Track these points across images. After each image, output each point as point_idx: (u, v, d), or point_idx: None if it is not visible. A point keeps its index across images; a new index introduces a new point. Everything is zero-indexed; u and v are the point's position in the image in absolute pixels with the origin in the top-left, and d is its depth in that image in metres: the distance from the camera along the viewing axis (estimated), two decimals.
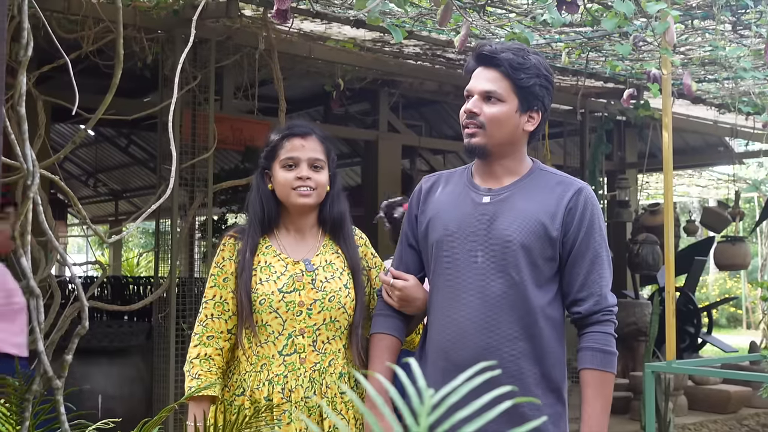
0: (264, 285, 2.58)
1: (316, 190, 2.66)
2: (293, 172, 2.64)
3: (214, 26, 5.50)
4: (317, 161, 2.68)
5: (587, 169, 8.43)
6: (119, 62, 1.50)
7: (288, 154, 2.66)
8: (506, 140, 2.48)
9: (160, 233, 6.07)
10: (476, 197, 2.51)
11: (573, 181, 2.52)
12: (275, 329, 2.55)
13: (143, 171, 14.85)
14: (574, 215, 2.43)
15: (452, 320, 2.47)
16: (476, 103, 2.46)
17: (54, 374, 1.22)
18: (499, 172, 2.53)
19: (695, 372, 4.84)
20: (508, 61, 2.44)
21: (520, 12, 4.91)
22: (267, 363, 2.55)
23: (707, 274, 22.22)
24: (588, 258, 2.43)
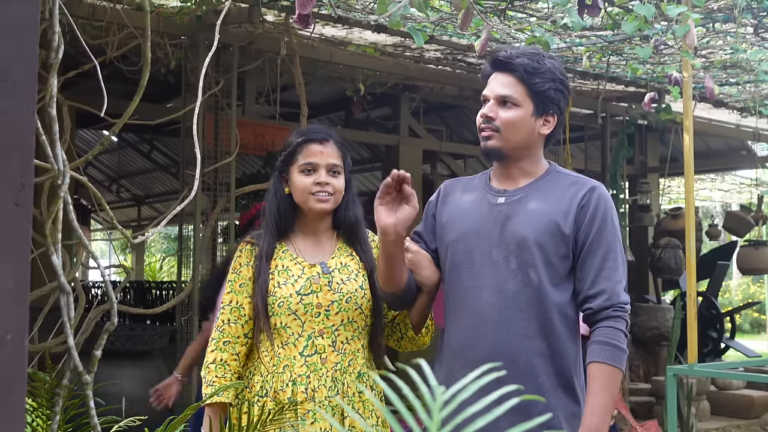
0: (282, 288, 2.62)
1: (334, 196, 2.70)
2: (312, 177, 2.68)
3: (236, 31, 5.54)
4: (335, 167, 2.72)
5: (608, 173, 8.41)
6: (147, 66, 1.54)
7: (306, 159, 2.70)
8: (522, 143, 2.52)
9: (183, 238, 6.12)
10: (492, 198, 2.56)
11: (587, 181, 2.55)
12: (295, 331, 2.59)
13: (165, 176, 14.94)
14: (587, 212, 2.46)
15: (467, 319, 2.50)
16: (492, 107, 2.51)
17: (84, 369, 1.25)
18: (516, 174, 2.57)
19: (717, 375, 4.82)
20: (523, 66, 2.48)
21: (540, 16, 4.92)
22: (289, 364, 2.59)
23: (730, 279, 22.06)
24: (599, 255, 2.44)
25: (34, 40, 1.07)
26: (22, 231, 1.04)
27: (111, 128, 7.39)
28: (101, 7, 4.92)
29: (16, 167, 1.03)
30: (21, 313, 1.04)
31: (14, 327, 1.03)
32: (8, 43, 1.03)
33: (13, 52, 1.04)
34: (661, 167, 10.05)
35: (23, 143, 1.05)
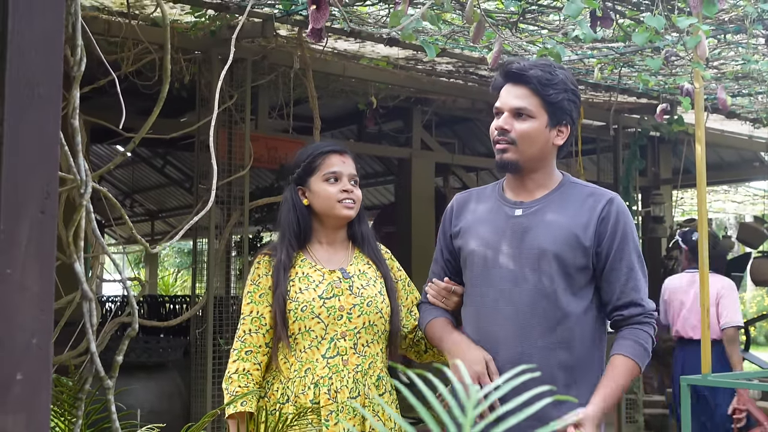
0: (304, 293, 2.67)
1: (356, 204, 2.78)
2: (337, 185, 2.75)
3: (250, 46, 5.59)
4: (355, 177, 2.81)
5: (621, 185, 8.41)
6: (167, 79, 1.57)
7: (330, 168, 2.77)
8: (537, 155, 2.53)
9: (197, 252, 6.17)
10: (509, 211, 2.56)
11: (604, 192, 2.57)
12: (318, 334, 2.64)
13: (179, 191, 15.01)
14: (608, 225, 2.47)
15: (487, 330, 2.52)
16: (507, 119, 2.51)
17: (105, 375, 1.28)
18: (530, 186, 2.57)
19: (730, 385, 4.81)
20: (536, 78, 2.49)
21: (552, 28, 4.95)
22: (311, 367, 2.63)
23: (744, 291, 21.95)
24: (624, 266, 2.47)
25: (59, 54, 1.10)
26: (47, 238, 1.07)
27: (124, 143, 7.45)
28: (116, 22, 4.97)
29: (42, 176, 1.06)
30: (46, 318, 1.06)
31: (40, 332, 1.06)
32: (35, 58, 1.06)
33: (40, 65, 1.07)
34: (674, 179, 10.03)
35: (49, 153, 1.08)
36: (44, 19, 1.07)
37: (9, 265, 1.03)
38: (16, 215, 1.04)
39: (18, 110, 1.06)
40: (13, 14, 1.05)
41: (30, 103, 1.07)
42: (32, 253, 1.05)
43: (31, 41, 1.07)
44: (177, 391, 5.95)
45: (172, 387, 5.94)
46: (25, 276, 1.05)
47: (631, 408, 8.22)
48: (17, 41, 1.06)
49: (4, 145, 1.04)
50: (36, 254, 1.06)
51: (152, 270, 20.00)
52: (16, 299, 1.04)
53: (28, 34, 1.06)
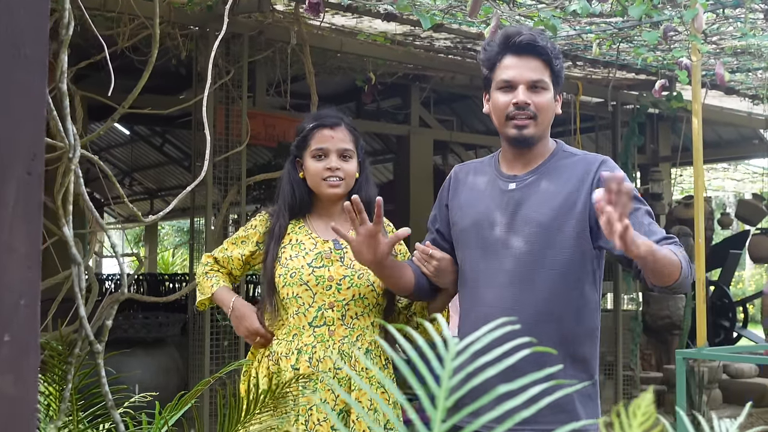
0: (294, 260, 2.69)
1: (345, 180, 2.74)
2: (323, 162, 2.73)
3: (246, 21, 5.56)
4: (346, 151, 2.76)
5: (619, 162, 8.40)
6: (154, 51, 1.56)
7: (318, 144, 2.75)
8: (548, 127, 2.53)
9: (195, 230, 6.17)
10: (503, 185, 2.54)
11: (595, 156, 2.55)
12: (305, 301, 2.65)
13: (178, 170, 15.01)
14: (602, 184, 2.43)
15: (483, 303, 2.51)
16: (526, 93, 2.44)
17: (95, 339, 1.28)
18: (529, 158, 2.54)
19: (725, 359, 4.83)
20: (548, 49, 2.46)
21: (549, 3, 4.93)
22: (298, 333, 2.65)
23: (744, 269, 21.98)
24: (639, 212, 2.37)
25: (45, 15, 1.09)
26: (34, 199, 1.07)
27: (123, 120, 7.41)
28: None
29: (27, 136, 1.06)
30: (34, 279, 1.06)
31: (27, 293, 1.06)
32: (20, 18, 1.06)
33: (27, 25, 1.07)
34: (673, 156, 10.03)
35: (35, 114, 1.07)
36: None
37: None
38: (2, 176, 1.04)
39: (4, 71, 1.05)
40: None
41: (16, 64, 1.06)
42: (19, 214, 1.05)
43: (16, 2, 1.06)
44: (175, 367, 5.97)
45: (170, 362, 5.97)
46: (13, 237, 1.05)
47: (629, 384, 8.25)
48: (3, 1, 1.05)
49: None
50: (23, 215, 1.05)
51: (152, 248, 20.03)
52: (4, 260, 1.04)
53: None
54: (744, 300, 10.95)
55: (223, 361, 5.46)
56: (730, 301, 10.13)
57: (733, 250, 10.39)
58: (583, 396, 2.47)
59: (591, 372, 2.51)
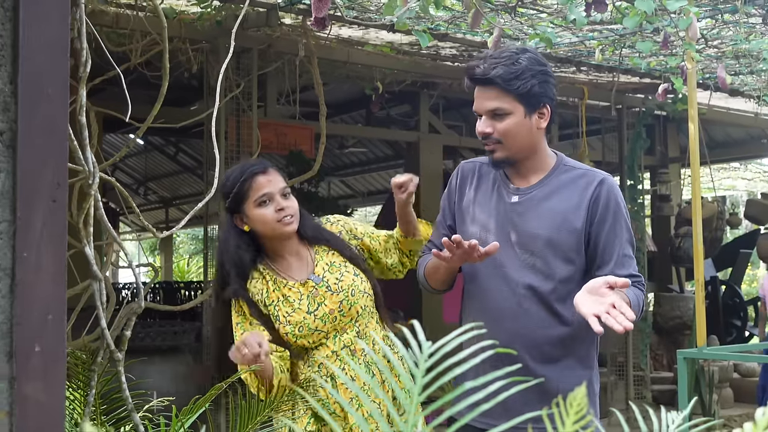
0: (293, 315, 2.74)
1: (295, 215, 2.80)
2: (271, 206, 2.77)
3: (255, 35, 5.70)
4: (285, 189, 2.82)
5: (626, 165, 8.48)
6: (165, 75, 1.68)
7: (260, 192, 2.77)
8: (525, 145, 2.61)
9: (209, 238, 6.30)
10: (506, 196, 2.66)
11: (595, 173, 2.66)
12: (322, 339, 2.76)
13: (192, 178, 15.14)
14: (599, 205, 2.57)
15: (486, 308, 2.63)
16: (486, 122, 2.59)
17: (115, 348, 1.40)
18: (526, 172, 2.66)
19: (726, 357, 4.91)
20: (500, 77, 2.53)
21: (550, 12, 5.03)
22: (323, 363, 2.73)
23: (757, 268, 21.92)
24: (618, 245, 2.56)
25: (66, 56, 1.22)
26: (59, 223, 1.19)
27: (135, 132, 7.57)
28: (124, 15, 5.08)
29: (52, 168, 1.18)
30: (60, 295, 1.18)
31: (55, 307, 1.18)
32: (44, 61, 1.18)
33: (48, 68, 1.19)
34: (682, 157, 10.08)
35: (59, 147, 1.19)
36: (51, 26, 1.18)
37: (26, 249, 1.15)
38: (30, 204, 1.16)
39: (30, 109, 1.18)
40: (24, 23, 1.17)
41: (40, 102, 1.18)
42: (46, 237, 1.17)
43: (40, 47, 1.19)
44: (190, 374, 6.10)
45: (185, 370, 6.10)
46: (41, 258, 1.17)
47: (640, 384, 8.33)
48: (28, 47, 1.17)
49: (18, 141, 1.16)
50: (49, 238, 1.18)
51: (167, 257, 20.19)
52: (33, 278, 1.16)
53: (36, 40, 1.18)
54: (756, 299, 10.99)
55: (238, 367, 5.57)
56: (742, 300, 10.18)
57: (744, 249, 10.44)
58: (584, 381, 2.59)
59: (590, 365, 2.65)
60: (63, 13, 1.19)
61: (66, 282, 1.20)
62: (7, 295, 1.15)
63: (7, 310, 1.15)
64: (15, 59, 1.16)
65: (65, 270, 1.20)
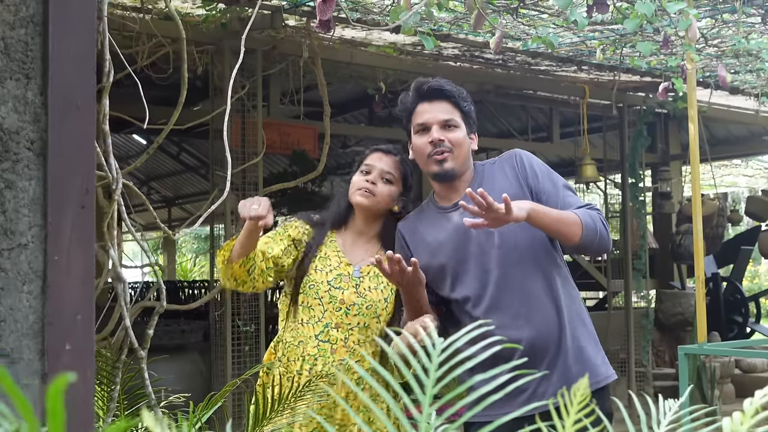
0: (317, 273, 2.87)
1: (376, 197, 2.92)
2: (364, 176, 2.94)
3: (260, 37, 5.76)
4: (388, 174, 2.95)
5: (627, 162, 8.54)
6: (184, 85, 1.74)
7: (368, 162, 2.98)
8: (466, 160, 2.79)
9: (214, 237, 6.37)
10: (450, 216, 2.78)
11: (506, 154, 2.85)
12: (316, 314, 2.84)
13: (195, 178, 15.20)
14: (525, 170, 2.75)
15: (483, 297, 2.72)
16: (439, 131, 2.72)
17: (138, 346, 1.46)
18: (459, 187, 2.79)
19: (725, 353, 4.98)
20: (454, 92, 2.76)
21: (552, 13, 5.09)
22: (303, 341, 2.84)
23: (759, 264, 22.00)
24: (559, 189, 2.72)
25: (93, 69, 1.28)
26: (87, 228, 1.25)
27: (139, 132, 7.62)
28: (131, 17, 5.14)
29: (81, 176, 1.24)
30: (88, 296, 1.25)
31: (83, 308, 1.24)
32: (73, 73, 1.24)
33: (76, 81, 1.25)
34: (683, 154, 10.13)
35: (86, 155, 1.26)
36: (79, 40, 1.25)
37: (56, 253, 1.21)
38: (60, 210, 1.22)
39: (59, 120, 1.24)
40: (53, 37, 1.23)
41: (69, 113, 1.25)
42: (75, 242, 1.23)
43: (69, 60, 1.25)
44: (198, 372, 6.16)
45: (193, 368, 6.16)
46: (70, 262, 1.23)
47: (642, 380, 8.39)
48: (57, 60, 1.23)
49: (48, 150, 1.22)
50: (78, 242, 1.24)
51: (170, 256, 20.25)
52: (63, 281, 1.22)
53: (66, 54, 1.24)
54: (757, 295, 11.06)
55: (244, 365, 5.64)
56: (743, 296, 10.23)
57: (745, 246, 10.49)
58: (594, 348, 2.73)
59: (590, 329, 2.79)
60: (90, 27, 1.25)
61: (94, 285, 1.26)
62: (39, 296, 1.21)
63: (39, 310, 1.21)
64: (45, 72, 1.23)
65: (93, 272, 1.26)
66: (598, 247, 2.67)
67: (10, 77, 1.20)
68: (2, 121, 1.19)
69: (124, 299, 1.43)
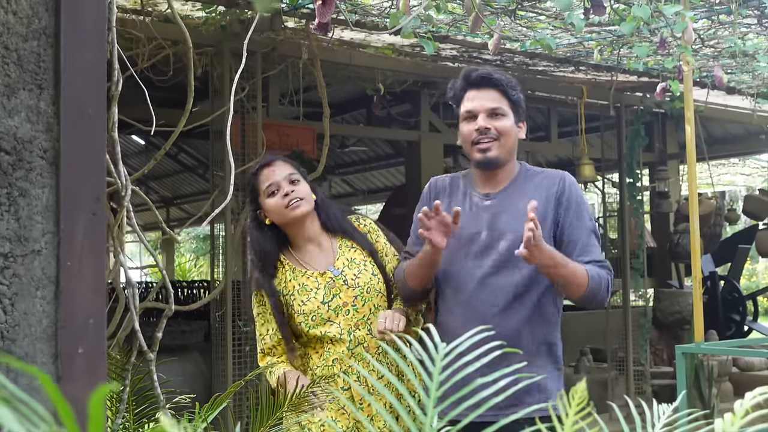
0: (308, 304, 2.86)
1: (304, 200, 2.91)
2: (279, 194, 2.90)
3: (259, 39, 5.78)
4: (292, 175, 2.94)
5: (625, 162, 8.57)
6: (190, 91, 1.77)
7: (266, 183, 2.92)
8: (511, 149, 2.82)
9: (214, 237, 6.41)
10: (478, 200, 2.83)
11: (555, 172, 2.86)
12: (335, 333, 2.84)
13: (193, 178, 15.22)
14: (563, 198, 2.76)
15: (462, 303, 2.76)
16: (486, 119, 2.76)
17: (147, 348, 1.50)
18: (499, 178, 2.84)
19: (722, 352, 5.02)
20: (503, 81, 2.78)
21: (549, 14, 5.12)
22: (338, 358, 2.83)
23: (757, 263, 22.06)
24: (584, 232, 2.74)
25: (104, 79, 1.31)
26: (98, 235, 1.29)
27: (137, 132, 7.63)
28: (131, 20, 5.17)
29: (92, 184, 1.28)
30: (100, 301, 1.28)
31: (95, 312, 1.27)
32: (84, 83, 1.27)
33: (87, 91, 1.28)
34: (681, 154, 10.16)
35: (97, 164, 1.29)
36: (90, 52, 1.28)
37: (69, 258, 1.25)
38: (72, 217, 1.26)
39: (71, 129, 1.27)
40: (65, 49, 1.26)
41: (81, 122, 1.28)
42: (87, 248, 1.27)
43: (80, 71, 1.28)
44: (199, 372, 6.20)
45: (194, 368, 6.19)
46: (82, 267, 1.26)
47: (639, 379, 8.42)
48: (69, 71, 1.27)
49: (61, 159, 1.25)
50: (90, 249, 1.27)
51: (168, 256, 20.28)
52: (75, 286, 1.26)
53: (77, 65, 1.27)
54: (754, 293, 11.10)
55: (245, 365, 5.67)
56: (741, 294, 10.28)
57: (742, 244, 10.54)
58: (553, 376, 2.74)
59: (556, 356, 2.80)
60: (101, 38, 1.29)
61: (105, 286, 1.30)
62: (52, 301, 1.25)
63: (53, 314, 1.25)
64: (57, 82, 1.26)
65: (104, 277, 1.29)
66: (592, 307, 2.78)
67: (23, 88, 1.24)
68: (16, 130, 1.22)
69: (134, 303, 1.46)
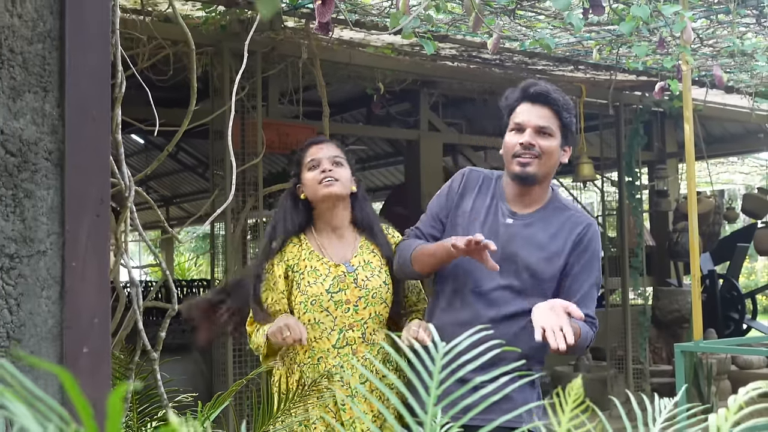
0: (312, 287, 2.86)
1: (340, 181, 2.92)
2: (317, 170, 2.93)
3: (259, 39, 5.79)
4: (337, 157, 2.97)
5: (624, 161, 8.59)
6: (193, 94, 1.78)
7: (309, 157, 2.97)
8: (550, 171, 2.81)
9: (213, 236, 6.43)
10: (501, 216, 2.82)
11: (582, 217, 2.85)
12: (327, 325, 2.84)
13: (192, 177, 15.22)
14: (580, 246, 2.78)
15: (455, 319, 2.76)
16: (532, 135, 2.74)
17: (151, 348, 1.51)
18: (529, 200, 2.83)
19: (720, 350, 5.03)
20: (559, 102, 2.75)
21: (548, 14, 5.13)
22: (323, 356, 2.83)
23: (756, 261, 22.08)
24: (587, 284, 2.77)
25: (108, 81, 1.32)
26: (102, 236, 1.30)
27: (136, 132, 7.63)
28: (131, 20, 5.18)
29: (97, 186, 1.29)
30: (104, 301, 1.29)
31: (99, 312, 1.29)
32: (89, 85, 1.29)
33: (92, 93, 1.30)
34: (680, 152, 10.18)
35: (102, 166, 1.30)
36: (94, 54, 1.29)
37: (74, 259, 1.26)
38: (77, 218, 1.27)
39: (76, 131, 1.29)
40: (69, 52, 1.28)
41: (85, 124, 1.29)
42: (91, 249, 1.28)
43: (85, 73, 1.29)
44: (199, 372, 6.21)
45: (194, 368, 6.21)
46: (86, 268, 1.28)
47: (639, 377, 8.44)
48: (73, 74, 1.28)
49: (66, 160, 1.27)
50: (94, 249, 1.29)
51: (168, 255, 20.28)
52: (80, 287, 1.27)
53: (81, 68, 1.28)
54: (753, 292, 11.12)
55: (246, 364, 5.69)
56: (739, 293, 10.30)
57: (741, 243, 10.56)
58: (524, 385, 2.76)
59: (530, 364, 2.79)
60: (105, 41, 1.30)
61: (109, 287, 1.31)
62: (57, 301, 1.26)
63: (58, 314, 1.26)
64: (62, 85, 1.27)
65: (108, 277, 1.31)
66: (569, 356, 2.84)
67: (29, 90, 1.25)
68: (21, 132, 1.24)
69: (138, 303, 1.48)
